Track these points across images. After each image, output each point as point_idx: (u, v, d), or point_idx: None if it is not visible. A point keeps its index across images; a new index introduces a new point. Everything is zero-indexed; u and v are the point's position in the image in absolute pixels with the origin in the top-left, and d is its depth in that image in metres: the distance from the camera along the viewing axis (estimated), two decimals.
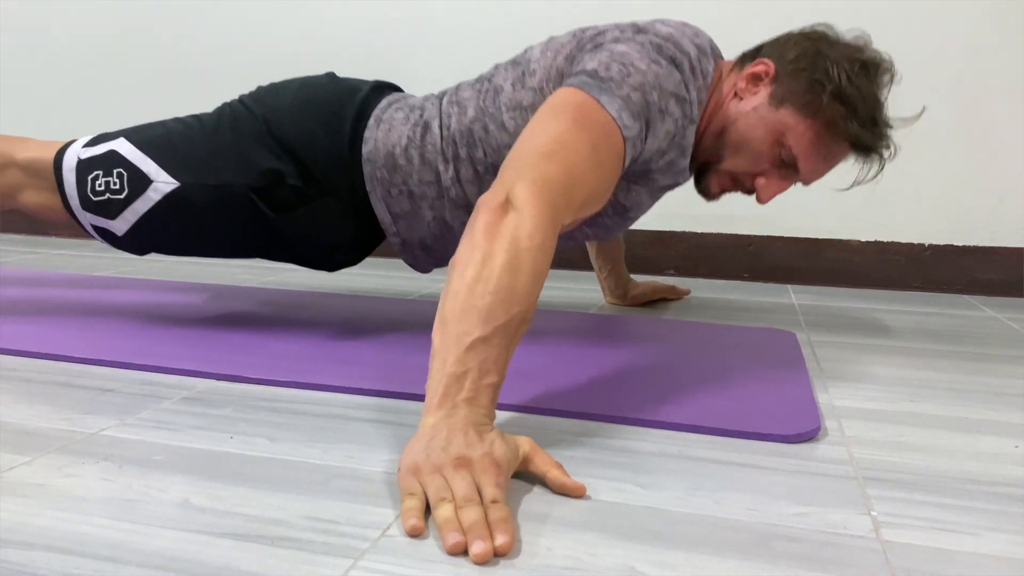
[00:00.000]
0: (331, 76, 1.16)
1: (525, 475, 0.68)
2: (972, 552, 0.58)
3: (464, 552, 0.55)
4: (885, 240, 1.77)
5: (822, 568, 0.55)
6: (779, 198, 1.78)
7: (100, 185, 1.08)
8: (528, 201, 0.75)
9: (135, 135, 1.11)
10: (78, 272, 1.67)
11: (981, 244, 1.73)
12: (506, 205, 0.75)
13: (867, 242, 1.78)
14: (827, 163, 1.05)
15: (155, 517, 0.59)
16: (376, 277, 1.74)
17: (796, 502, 0.65)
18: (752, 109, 1.02)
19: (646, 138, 0.93)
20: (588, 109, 0.87)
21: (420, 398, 0.88)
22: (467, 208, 1.08)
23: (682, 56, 0.95)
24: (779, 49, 1.04)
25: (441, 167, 1.06)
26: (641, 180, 1.04)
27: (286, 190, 1.07)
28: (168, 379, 0.94)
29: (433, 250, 1.15)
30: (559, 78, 1.00)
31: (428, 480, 0.61)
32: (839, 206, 1.78)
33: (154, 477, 0.67)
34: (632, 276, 1.50)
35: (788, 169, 1.04)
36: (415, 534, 0.57)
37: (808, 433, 0.79)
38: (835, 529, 0.60)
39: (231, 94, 2.05)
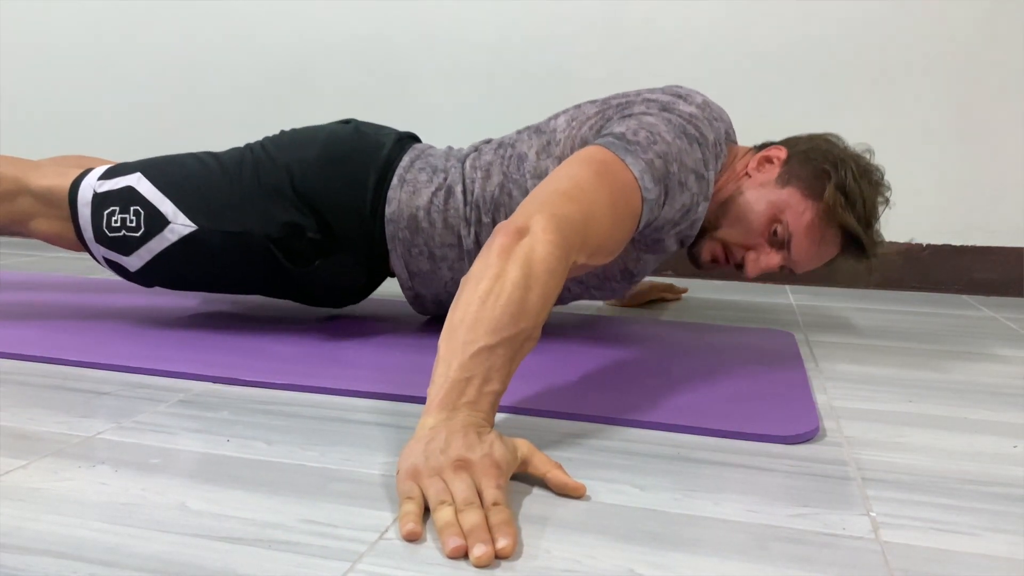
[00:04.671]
0: (356, 129, 1.17)
1: (524, 477, 0.68)
2: (971, 552, 0.58)
3: (465, 556, 0.55)
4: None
5: (821, 569, 0.55)
6: None
7: (116, 221, 1.08)
8: (544, 229, 0.78)
9: (153, 172, 1.11)
10: (74, 275, 1.67)
11: (979, 244, 1.73)
12: (522, 230, 0.78)
13: None
14: (818, 248, 1.10)
15: (152, 521, 0.59)
16: None
17: (795, 503, 0.65)
18: (759, 185, 1.09)
19: (664, 204, 0.98)
20: (612, 166, 0.91)
21: (418, 400, 0.88)
22: None
23: (703, 137, 1.01)
24: (792, 141, 1.14)
25: (463, 231, 1.10)
26: (652, 247, 1.09)
27: (305, 243, 1.09)
28: (164, 382, 0.94)
29: (446, 305, 1.17)
30: (583, 147, 1.02)
31: (427, 483, 0.61)
32: None
33: (151, 480, 0.66)
34: None
35: (780, 248, 1.10)
36: (412, 539, 0.57)
37: (807, 434, 0.79)
38: (834, 530, 0.60)
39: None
